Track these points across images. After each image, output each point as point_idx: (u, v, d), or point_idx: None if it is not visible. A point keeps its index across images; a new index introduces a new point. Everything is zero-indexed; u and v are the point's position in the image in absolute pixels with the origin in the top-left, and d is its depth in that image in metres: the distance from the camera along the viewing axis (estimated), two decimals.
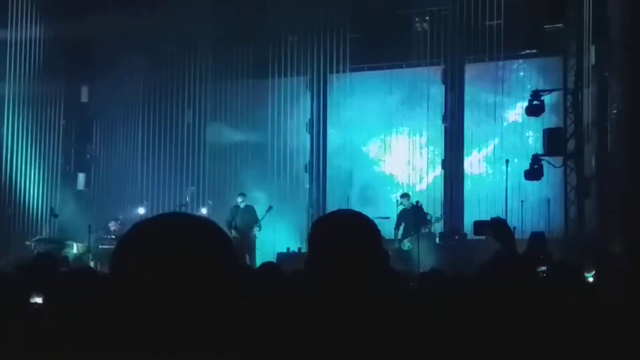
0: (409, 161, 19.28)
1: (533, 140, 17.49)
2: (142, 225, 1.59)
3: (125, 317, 1.49)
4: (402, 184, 19.01)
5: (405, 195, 16.69)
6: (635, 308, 4.54)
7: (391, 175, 19.62)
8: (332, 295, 2.48)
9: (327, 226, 2.60)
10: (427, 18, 18.73)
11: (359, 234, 2.55)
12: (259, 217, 17.20)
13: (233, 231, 16.67)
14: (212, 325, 1.50)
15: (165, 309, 1.47)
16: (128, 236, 1.57)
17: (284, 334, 2.42)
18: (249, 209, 17.24)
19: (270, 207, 17.39)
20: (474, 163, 18.71)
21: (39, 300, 4.64)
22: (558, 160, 16.01)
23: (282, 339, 2.39)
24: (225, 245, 1.58)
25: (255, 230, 17.07)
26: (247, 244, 16.77)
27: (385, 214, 16.91)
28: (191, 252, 1.52)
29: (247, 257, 16.49)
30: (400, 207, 16.52)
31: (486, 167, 18.55)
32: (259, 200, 17.90)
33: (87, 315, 3.19)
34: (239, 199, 17.31)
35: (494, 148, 18.28)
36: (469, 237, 15.99)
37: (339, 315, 2.41)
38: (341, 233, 2.54)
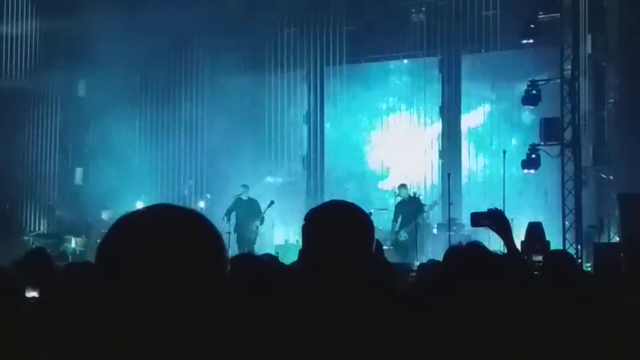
0: (407, 152, 19.26)
1: (530, 129, 17.46)
2: (129, 217, 1.59)
3: (111, 307, 1.49)
4: (400, 175, 18.99)
5: (402, 186, 16.68)
6: (633, 299, 4.56)
7: (389, 166, 19.61)
8: (326, 286, 2.49)
9: (320, 217, 2.61)
10: (423, 9, 18.71)
11: (351, 224, 2.55)
12: (262, 210, 17.15)
13: (228, 219, 16.64)
14: (198, 316, 1.50)
15: (149, 301, 1.47)
16: (114, 227, 1.57)
17: (278, 326, 2.43)
18: (252, 202, 17.18)
19: (272, 202, 17.33)
20: (471, 153, 18.70)
21: (35, 294, 4.65)
22: (555, 149, 16.02)
23: (276, 330, 2.39)
24: (211, 235, 1.58)
25: (257, 223, 16.99)
26: (247, 237, 16.77)
27: (383, 206, 16.92)
28: (176, 242, 1.51)
29: (246, 249, 16.48)
30: (398, 199, 16.52)
31: (483, 157, 18.54)
32: (257, 193, 17.90)
33: (84, 308, 3.20)
34: (241, 190, 17.23)
35: (491, 138, 18.28)
36: (466, 227, 16.00)
37: (333, 306, 2.42)
38: (334, 224, 2.55)
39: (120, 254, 1.50)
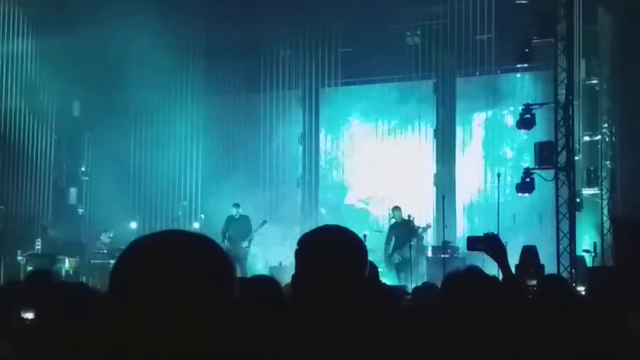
0: (401, 174, 19.27)
1: (524, 153, 17.51)
2: (141, 242, 1.59)
3: (123, 333, 1.49)
4: (394, 197, 18.98)
5: (396, 208, 16.68)
6: (624, 321, 4.57)
7: (383, 188, 19.61)
8: (320, 310, 2.48)
9: (313, 242, 2.61)
10: (418, 32, 18.81)
11: (344, 249, 2.56)
12: (252, 228, 17.21)
13: (226, 242, 16.69)
14: (213, 340, 1.50)
15: (163, 325, 1.47)
16: (127, 253, 1.57)
17: (275, 350, 2.42)
18: (244, 220, 17.26)
19: (264, 222, 17.37)
20: (465, 176, 18.72)
21: (30, 315, 4.63)
22: (549, 173, 16.05)
23: (273, 355, 2.39)
24: (223, 261, 1.59)
25: (246, 243, 17.02)
26: (239, 254, 16.76)
27: (377, 228, 16.92)
28: (190, 269, 1.52)
29: (238, 267, 16.47)
30: (392, 221, 16.51)
31: (478, 180, 18.57)
32: (251, 213, 17.90)
33: (80, 330, 3.19)
34: (234, 210, 17.30)
35: (486, 161, 18.31)
36: (460, 250, 16.01)
37: (326, 331, 2.41)
38: (327, 249, 2.55)
39: (133, 282, 1.51)
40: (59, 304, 4.10)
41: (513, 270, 5.58)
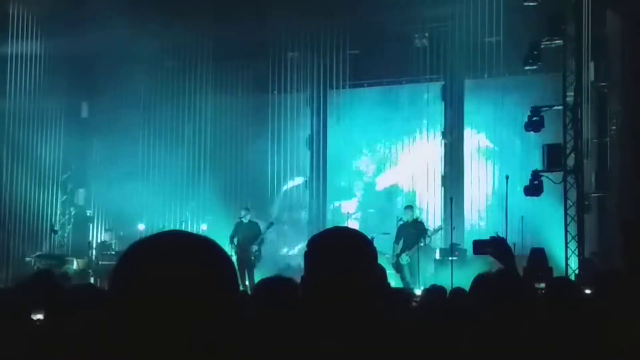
0: (409, 177, 19.28)
1: (533, 155, 17.48)
2: (142, 243, 1.60)
3: (122, 333, 1.50)
4: (403, 199, 19.00)
5: (409, 207, 16.66)
6: (633, 323, 4.56)
7: (391, 190, 19.62)
8: (329, 312, 2.49)
9: (323, 244, 2.61)
10: (426, 34, 18.79)
11: (354, 251, 2.55)
12: (262, 232, 17.13)
13: (234, 246, 16.58)
14: (212, 342, 1.50)
15: (162, 326, 1.48)
16: (127, 254, 1.58)
17: (281, 352, 2.43)
18: (252, 225, 17.11)
19: (271, 223, 17.31)
20: (474, 178, 18.70)
21: (40, 316, 4.65)
22: (558, 176, 16.02)
23: (279, 356, 2.40)
24: (223, 263, 1.59)
25: (255, 247, 16.88)
26: (247, 259, 16.71)
27: (385, 230, 16.90)
28: (190, 270, 1.53)
29: (246, 272, 16.44)
30: (401, 222, 16.49)
31: (486, 182, 18.54)
32: (259, 215, 17.90)
33: (88, 331, 3.20)
34: (242, 213, 17.17)
35: (494, 163, 18.29)
36: (468, 252, 15.97)
37: (335, 333, 2.42)
38: (336, 251, 2.55)
39: (132, 283, 1.51)
40: (69, 304, 4.12)
41: (521, 273, 5.60)
